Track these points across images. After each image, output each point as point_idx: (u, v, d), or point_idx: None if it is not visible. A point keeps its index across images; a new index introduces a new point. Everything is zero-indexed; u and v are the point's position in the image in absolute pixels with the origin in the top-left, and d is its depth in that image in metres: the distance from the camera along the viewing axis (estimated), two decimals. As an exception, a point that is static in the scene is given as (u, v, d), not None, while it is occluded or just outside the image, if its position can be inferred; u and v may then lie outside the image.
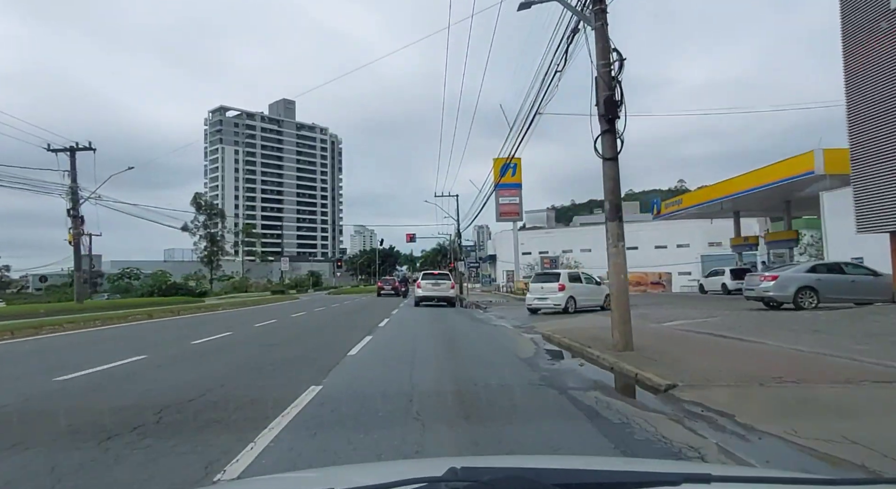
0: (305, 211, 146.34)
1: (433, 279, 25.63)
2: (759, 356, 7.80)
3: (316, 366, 8.00)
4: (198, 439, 4.21)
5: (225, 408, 5.37)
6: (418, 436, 4.22)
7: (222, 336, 12.74)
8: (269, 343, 11.39)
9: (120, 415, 5.03)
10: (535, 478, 1.12)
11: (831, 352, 7.79)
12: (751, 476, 1.62)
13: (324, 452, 3.88)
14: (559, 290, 18.23)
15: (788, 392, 5.57)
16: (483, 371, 7.68)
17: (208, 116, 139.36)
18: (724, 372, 6.56)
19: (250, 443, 4.03)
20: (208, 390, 6.18)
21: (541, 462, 2.18)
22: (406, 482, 1.13)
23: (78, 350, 10.86)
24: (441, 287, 24.78)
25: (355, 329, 14.01)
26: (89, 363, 8.29)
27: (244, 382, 6.85)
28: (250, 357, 9.20)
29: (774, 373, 6.34)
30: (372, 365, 8.40)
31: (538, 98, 11.59)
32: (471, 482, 1.09)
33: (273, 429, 4.44)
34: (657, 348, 8.61)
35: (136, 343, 11.76)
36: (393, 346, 10.79)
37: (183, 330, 14.96)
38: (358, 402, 5.54)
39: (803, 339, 9.21)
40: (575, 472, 1.36)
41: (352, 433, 4.31)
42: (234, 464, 3.60)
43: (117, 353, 9.50)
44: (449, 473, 1.15)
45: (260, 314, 21.35)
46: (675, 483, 1.14)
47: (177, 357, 9.45)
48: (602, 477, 1.31)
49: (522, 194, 41.00)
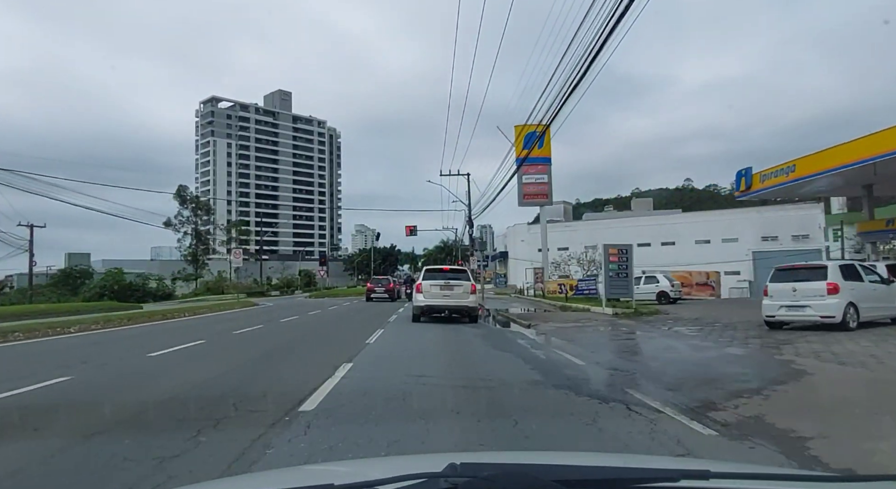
0: (302, 208, 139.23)
1: (442, 278, 16.58)
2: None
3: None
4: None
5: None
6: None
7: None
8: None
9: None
10: (534, 474, 1.09)
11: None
12: (749, 472, 1.48)
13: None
14: (829, 293, 11.75)
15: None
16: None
17: (199, 108, 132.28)
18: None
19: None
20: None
21: (540, 458, 2.13)
22: (405, 478, 1.10)
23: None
24: (456, 291, 16.11)
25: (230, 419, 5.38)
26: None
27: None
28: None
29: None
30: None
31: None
32: (470, 478, 1.06)
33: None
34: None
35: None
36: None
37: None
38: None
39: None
40: (574, 468, 1.33)
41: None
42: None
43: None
44: (448, 469, 1.13)
45: (154, 338, 13.53)
46: (674, 479, 1.13)
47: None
48: (601, 473, 1.27)
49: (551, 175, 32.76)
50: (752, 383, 6.57)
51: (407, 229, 43.58)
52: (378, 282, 33.85)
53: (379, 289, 32.58)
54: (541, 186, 33.58)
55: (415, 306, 16.63)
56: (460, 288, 16.24)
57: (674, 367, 8.32)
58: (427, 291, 16.25)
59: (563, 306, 23.11)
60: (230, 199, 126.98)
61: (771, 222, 45.76)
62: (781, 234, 45.07)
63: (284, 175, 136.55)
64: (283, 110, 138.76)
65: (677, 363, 8.86)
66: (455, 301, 16.10)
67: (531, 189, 33.90)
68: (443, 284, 16.26)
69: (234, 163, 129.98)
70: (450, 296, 16.09)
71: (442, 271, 17.66)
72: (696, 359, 9.17)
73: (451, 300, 16.08)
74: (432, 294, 16.17)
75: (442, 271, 17.66)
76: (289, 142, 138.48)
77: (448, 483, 1.06)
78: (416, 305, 16.52)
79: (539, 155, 28.50)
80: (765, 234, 45.90)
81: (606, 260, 18.75)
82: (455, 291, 16.13)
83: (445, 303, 16.14)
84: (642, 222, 52.24)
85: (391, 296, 32.34)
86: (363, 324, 16.00)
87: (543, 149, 28.64)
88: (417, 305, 16.40)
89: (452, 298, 16.09)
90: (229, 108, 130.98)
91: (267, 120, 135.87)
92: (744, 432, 4.44)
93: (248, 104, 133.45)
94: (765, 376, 7.09)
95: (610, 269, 18.71)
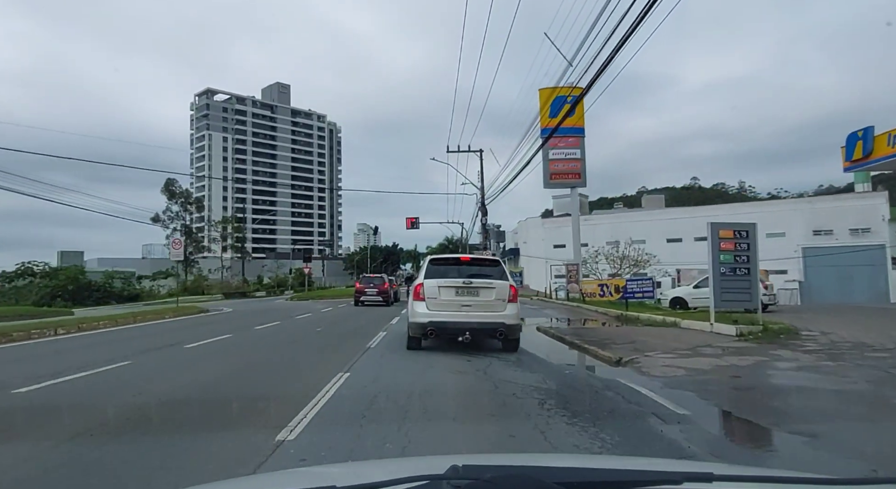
0: (301, 205, 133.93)
1: (460, 275, 10.02)
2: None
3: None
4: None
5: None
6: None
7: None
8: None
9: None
10: (536, 476, 1.07)
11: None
12: (752, 475, 1.52)
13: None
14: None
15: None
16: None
17: (194, 101, 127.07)
18: None
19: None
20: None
21: (543, 460, 2.13)
22: (408, 479, 1.08)
23: None
24: (484, 298, 9.76)
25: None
26: None
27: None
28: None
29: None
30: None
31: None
32: (472, 480, 1.05)
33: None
34: None
35: None
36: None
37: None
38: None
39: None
40: (577, 471, 1.33)
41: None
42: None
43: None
44: (451, 471, 1.12)
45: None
46: (677, 482, 1.12)
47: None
48: (604, 475, 1.27)
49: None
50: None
51: (408, 221, 38.16)
52: (369, 282, 27.11)
53: (370, 291, 26.21)
54: (572, 163, 27.14)
55: (412, 323, 10.03)
56: (491, 292, 9.67)
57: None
58: (433, 298, 9.72)
59: (622, 317, 17.18)
60: (226, 196, 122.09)
61: (825, 214, 40.05)
62: (837, 228, 39.30)
63: (283, 171, 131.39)
64: (281, 103, 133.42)
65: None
66: (483, 315, 9.59)
67: (560, 166, 27.25)
68: (461, 286, 9.70)
69: (230, 158, 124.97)
70: (473, 306, 9.64)
71: (458, 262, 10.66)
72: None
73: (475, 313, 9.60)
74: (443, 302, 9.67)
75: (458, 262, 10.66)
76: (287, 136, 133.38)
77: (450, 485, 1.05)
78: (413, 322, 9.97)
79: (570, 124, 22.61)
80: (817, 227, 40.16)
81: (715, 247, 12.25)
82: (482, 298, 9.67)
83: (466, 319, 9.58)
84: (673, 215, 46.49)
85: (386, 299, 26.24)
86: (322, 354, 10.14)
87: (575, 117, 22.66)
88: (416, 322, 9.83)
89: (478, 310, 9.62)
90: (225, 102, 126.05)
91: (264, 113, 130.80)
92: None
93: (244, 97, 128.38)
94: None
95: (723, 263, 11.93)
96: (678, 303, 20.41)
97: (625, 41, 9.37)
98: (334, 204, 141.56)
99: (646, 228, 44.35)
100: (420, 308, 9.78)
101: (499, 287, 9.73)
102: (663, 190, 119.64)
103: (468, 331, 9.65)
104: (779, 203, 43.69)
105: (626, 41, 9.33)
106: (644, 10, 8.75)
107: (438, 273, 10.07)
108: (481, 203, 24.51)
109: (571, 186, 26.43)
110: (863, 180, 48.76)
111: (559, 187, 26.89)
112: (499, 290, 9.71)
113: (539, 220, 52.76)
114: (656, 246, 37.42)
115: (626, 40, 9.36)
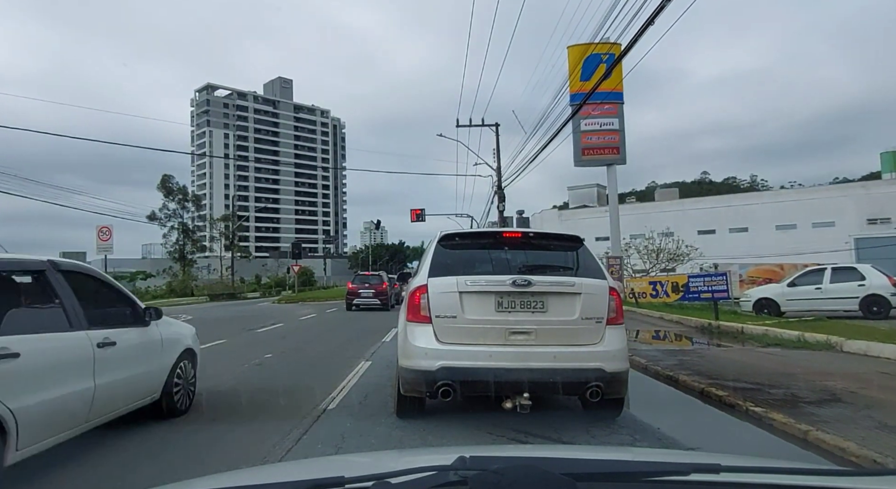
0: (304, 202, 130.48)
1: (505, 268, 4.66)
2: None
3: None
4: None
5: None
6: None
7: None
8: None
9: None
10: (544, 467, 1.07)
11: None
12: (760, 467, 1.46)
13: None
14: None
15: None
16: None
17: (195, 96, 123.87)
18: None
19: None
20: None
21: (550, 452, 2.11)
22: (416, 470, 1.09)
23: None
24: (554, 313, 4.47)
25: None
26: None
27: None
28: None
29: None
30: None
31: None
32: (480, 470, 1.05)
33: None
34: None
35: None
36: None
37: None
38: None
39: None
40: (584, 462, 1.32)
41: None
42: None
43: None
44: (458, 462, 1.11)
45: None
46: (685, 473, 1.12)
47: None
48: (612, 466, 1.26)
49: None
50: None
51: (413, 214, 34.17)
52: (364, 282, 22.75)
53: (365, 292, 21.99)
54: (609, 136, 22.03)
55: (405, 370, 4.62)
56: (571, 303, 4.55)
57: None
58: (449, 316, 4.50)
59: (718, 330, 11.65)
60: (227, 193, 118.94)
61: (881, 201, 35.75)
62: (895, 215, 35.10)
63: (286, 167, 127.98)
64: (284, 99, 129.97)
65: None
66: (556, 351, 4.43)
67: (594, 140, 22.08)
68: (508, 291, 4.47)
69: (231, 154, 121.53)
70: (534, 334, 4.46)
71: (498, 242, 5.06)
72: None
73: (540, 349, 4.44)
74: (469, 327, 4.47)
75: (498, 242, 5.06)
76: (290, 132, 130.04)
77: (458, 476, 1.04)
78: (408, 367, 4.59)
79: (606, 89, 18.29)
80: (872, 215, 35.89)
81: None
82: (553, 315, 4.50)
83: (520, 364, 4.39)
84: (706, 204, 42.34)
85: (384, 301, 22.03)
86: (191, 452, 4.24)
87: (613, 79, 18.42)
88: (415, 368, 4.51)
89: (546, 341, 4.46)
90: (226, 97, 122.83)
91: (267, 109, 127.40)
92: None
93: (246, 92, 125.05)
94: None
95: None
96: (766, 306, 15.68)
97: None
98: (339, 201, 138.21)
99: (675, 219, 40.35)
100: (422, 337, 4.56)
101: (587, 292, 4.60)
102: (673, 184, 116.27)
103: (526, 386, 4.41)
104: (827, 189, 39.53)
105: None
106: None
107: (458, 264, 4.81)
108: (497, 186, 20.49)
109: (608, 163, 21.62)
110: (891, 169, 44.46)
111: (593, 165, 22.24)
112: (587, 299, 4.58)
113: (556, 211, 48.85)
114: (686, 238, 33.70)
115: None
